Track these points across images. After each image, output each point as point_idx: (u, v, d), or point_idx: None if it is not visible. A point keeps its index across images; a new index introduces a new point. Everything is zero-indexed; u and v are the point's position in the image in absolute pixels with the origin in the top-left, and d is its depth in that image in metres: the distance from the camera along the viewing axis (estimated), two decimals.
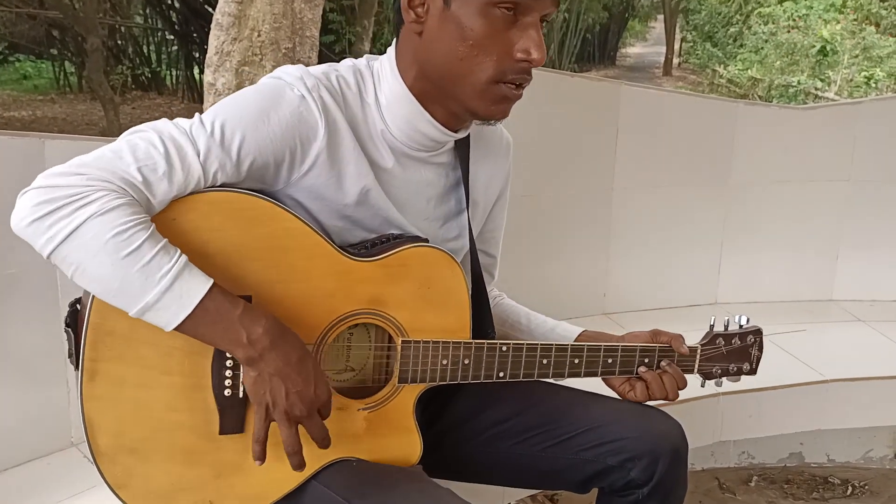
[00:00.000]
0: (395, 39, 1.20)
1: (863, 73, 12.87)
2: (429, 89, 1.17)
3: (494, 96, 1.14)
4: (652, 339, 1.38)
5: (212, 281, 1.02)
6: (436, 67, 1.14)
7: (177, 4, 15.37)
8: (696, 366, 1.40)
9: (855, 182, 2.97)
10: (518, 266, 2.62)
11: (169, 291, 0.99)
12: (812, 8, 15.44)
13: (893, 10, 16.37)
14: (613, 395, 1.41)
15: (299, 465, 1.09)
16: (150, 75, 17.30)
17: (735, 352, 1.42)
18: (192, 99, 15.11)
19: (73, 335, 1.08)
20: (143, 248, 0.98)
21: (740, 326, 1.44)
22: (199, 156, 1.05)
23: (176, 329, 1.01)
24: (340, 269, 1.14)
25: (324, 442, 1.11)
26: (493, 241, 1.46)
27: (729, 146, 2.86)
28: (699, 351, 1.40)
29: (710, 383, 1.45)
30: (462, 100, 1.16)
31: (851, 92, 12.70)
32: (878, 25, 15.60)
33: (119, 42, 17.39)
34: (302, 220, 1.12)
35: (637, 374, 1.35)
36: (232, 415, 1.12)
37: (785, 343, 2.68)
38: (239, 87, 5.24)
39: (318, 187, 1.14)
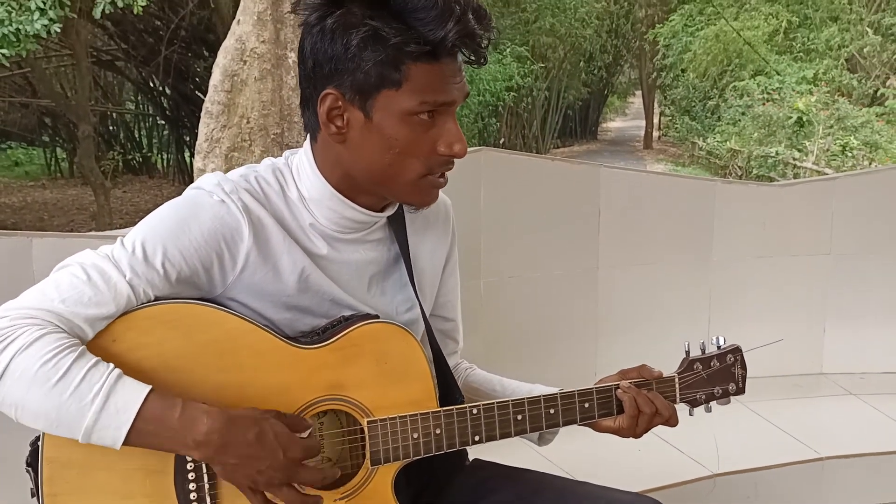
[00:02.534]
0: (308, 137, 1.21)
1: (838, 143, 13.21)
2: (354, 185, 1.18)
3: (424, 188, 1.17)
4: (621, 379, 1.36)
5: (148, 388, 1.01)
6: (363, 172, 1.16)
7: (168, 91, 15.71)
8: (678, 395, 1.35)
9: (836, 256, 3.02)
10: (506, 347, 2.62)
11: (104, 410, 0.98)
12: (785, 81, 15.95)
13: (864, 81, 16.94)
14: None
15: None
16: (141, 159, 17.53)
17: (717, 374, 1.37)
18: (182, 181, 15.29)
19: (33, 473, 1.07)
20: (72, 372, 0.98)
21: (718, 347, 1.39)
22: (124, 276, 1.06)
23: (125, 445, 1.00)
24: (292, 359, 1.14)
25: (325, 481, 1.09)
26: (448, 305, 1.44)
27: (709, 223, 2.91)
28: (677, 379, 1.36)
29: (700, 410, 1.39)
30: (392, 196, 1.19)
31: (829, 161, 13.00)
32: (850, 96, 16.11)
33: (111, 128, 17.70)
34: (244, 319, 1.11)
35: (617, 412, 1.31)
36: None
37: (777, 419, 2.66)
38: (228, 172, 5.29)
39: (256, 284, 1.15)
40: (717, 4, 18.95)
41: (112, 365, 1.02)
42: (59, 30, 8.13)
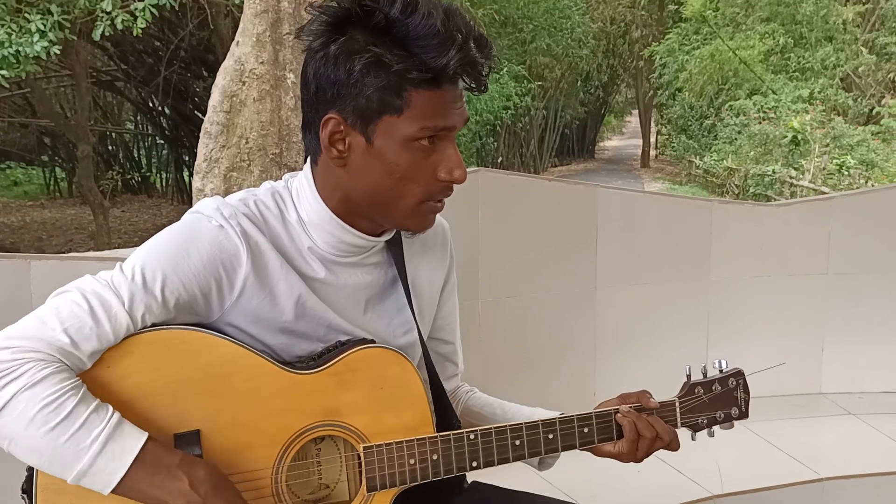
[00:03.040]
0: (308, 160, 1.22)
1: (834, 161, 13.26)
2: (354, 209, 1.19)
3: (422, 214, 1.18)
4: (621, 403, 1.35)
5: (146, 436, 1.02)
6: (362, 196, 1.16)
7: (167, 111, 15.78)
8: (678, 419, 1.34)
9: (834, 275, 3.03)
10: (504, 368, 2.62)
11: (101, 455, 0.99)
12: (780, 100, 16.04)
13: (859, 100, 17.05)
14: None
15: None
16: (140, 179, 17.57)
17: (719, 398, 1.36)
18: (180, 201, 15.32)
19: (27, 499, 1.07)
20: (72, 416, 0.99)
21: (720, 371, 1.38)
22: (123, 304, 1.06)
23: (115, 490, 1.00)
24: (287, 385, 1.14)
25: None
26: (447, 327, 1.43)
27: (706, 243, 2.92)
28: (677, 404, 1.34)
29: (703, 434, 1.37)
30: (391, 221, 1.20)
31: (825, 180, 13.05)
32: (845, 115, 16.20)
33: (110, 147, 17.74)
34: (239, 344, 1.12)
35: (616, 437, 1.29)
36: None
37: (777, 439, 2.66)
38: (227, 192, 5.31)
39: (253, 310, 1.15)
40: (713, 24, 19.10)
41: (112, 409, 1.02)
42: (58, 51, 8.18)
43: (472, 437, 1.22)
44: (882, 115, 15.56)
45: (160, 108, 15.86)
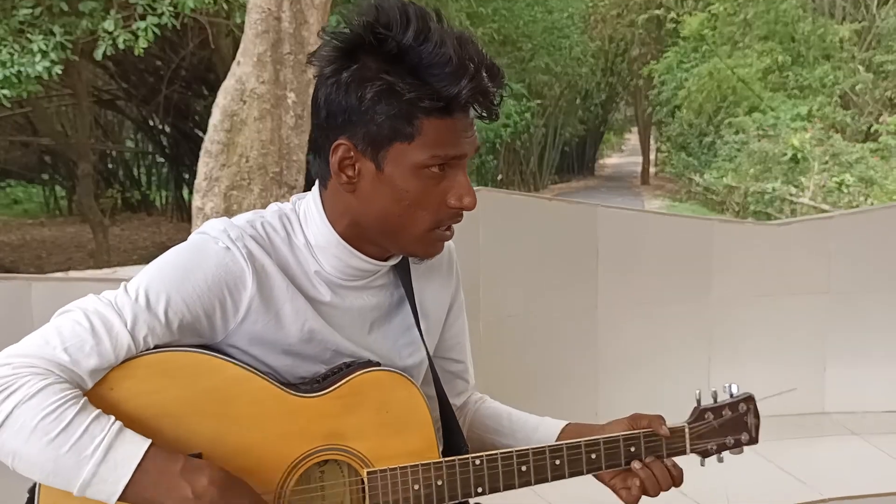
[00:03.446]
0: (317, 184, 1.21)
1: (833, 179, 13.30)
2: (362, 234, 1.19)
3: (430, 241, 1.18)
4: (632, 425, 1.34)
5: (148, 442, 1.01)
6: (371, 222, 1.16)
7: (167, 129, 15.85)
8: (688, 446, 1.31)
9: (835, 294, 3.02)
10: (506, 387, 2.60)
11: (104, 463, 0.98)
12: (779, 118, 16.11)
13: (857, 118, 17.14)
14: None
15: None
16: (139, 197, 17.60)
17: (729, 423, 1.34)
18: (180, 219, 15.33)
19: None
20: (73, 425, 0.98)
21: (731, 395, 1.36)
22: (126, 325, 1.05)
23: (120, 500, 0.99)
24: (291, 408, 1.13)
25: None
26: (458, 347, 1.42)
27: (707, 262, 2.91)
28: (687, 430, 1.31)
29: (712, 460, 1.35)
30: (399, 247, 1.20)
31: (825, 197, 13.08)
32: (843, 132, 16.27)
33: (110, 166, 17.79)
34: (243, 367, 1.11)
35: (625, 464, 1.29)
36: None
37: (781, 460, 2.64)
38: (227, 210, 5.32)
39: (258, 332, 1.15)
40: (711, 43, 19.23)
41: (113, 418, 1.01)
42: (60, 71, 8.22)
43: (477, 462, 1.20)
44: (880, 133, 15.62)
45: (161, 127, 15.93)
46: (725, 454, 1.36)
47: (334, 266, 1.20)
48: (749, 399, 1.36)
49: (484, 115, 1.13)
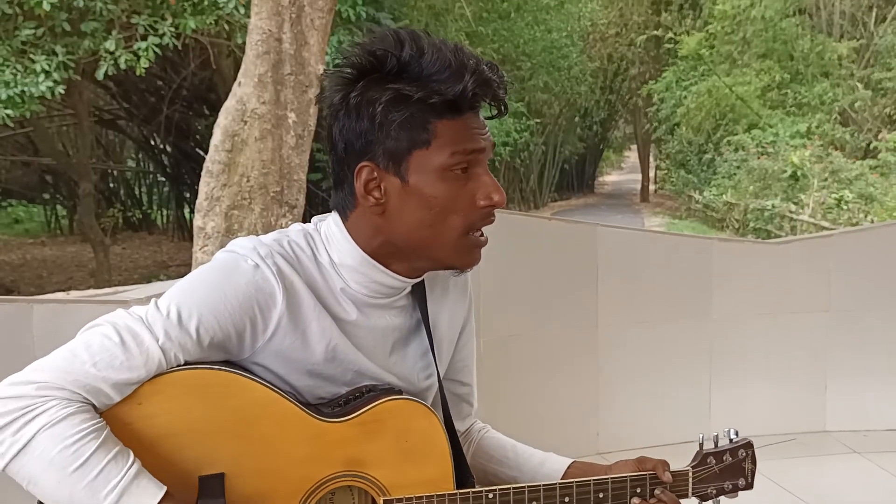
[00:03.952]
0: (336, 213, 1.22)
1: (833, 196, 13.32)
2: (393, 252, 1.19)
3: (467, 247, 1.19)
4: (638, 467, 1.35)
5: (163, 491, 1.01)
6: (405, 237, 1.17)
7: (168, 149, 15.90)
8: (690, 489, 1.35)
9: (835, 313, 3.02)
10: (507, 406, 2.60)
11: None
12: (779, 135, 16.16)
13: (856, 135, 17.20)
14: None
15: None
16: (141, 216, 17.62)
17: (728, 469, 1.37)
18: (181, 237, 15.34)
19: None
20: (91, 461, 0.99)
21: (731, 441, 1.39)
22: (157, 341, 1.06)
23: None
24: (314, 433, 1.13)
25: None
26: (465, 370, 1.43)
27: (707, 281, 2.92)
28: (691, 474, 1.35)
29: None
30: (437, 259, 1.20)
31: (825, 214, 13.08)
32: (842, 149, 16.32)
33: (111, 185, 17.84)
34: (270, 388, 1.11)
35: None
36: None
37: (784, 480, 2.62)
38: (228, 230, 5.33)
39: (284, 350, 1.15)
40: (709, 62, 19.34)
41: (131, 459, 1.02)
42: (62, 91, 8.27)
43: (490, 495, 1.21)
44: (879, 150, 15.67)
45: (162, 146, 15.99)
46: (721, 499, 1.39)
47: (360, 282, 1.20)
48: (748, 445, 1.40)
49: (493, 105, 1.16)
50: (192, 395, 1.08)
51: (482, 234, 1.20)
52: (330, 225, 1.22)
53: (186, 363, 1.09)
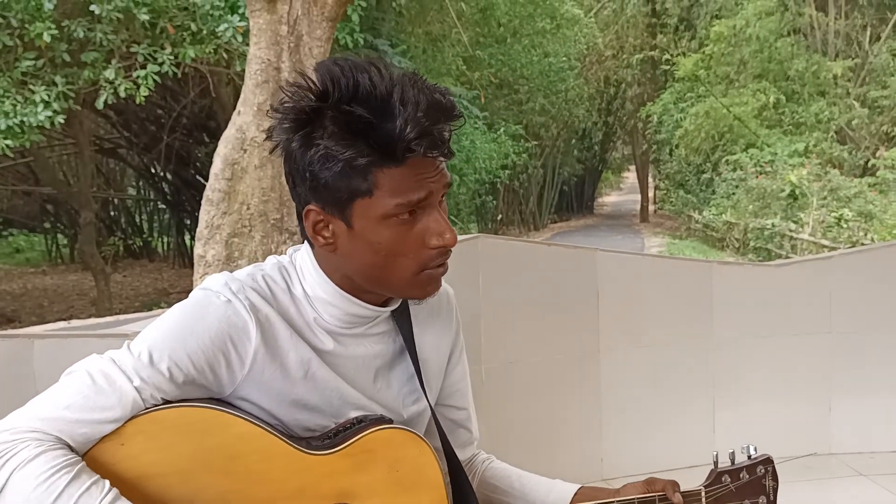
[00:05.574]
0: (307, 244, 1.22)
1: (832, 214, 13.33)
2: (356, 285, 1.19)
3: (422, 283, 1.17)
4: (647, 489, 1.32)
5: None
6: (359, 275, 1.17)
7: (169, 176, 15.96)
8: None
9: (837, 334, 3.01)
10: (510, 433, 2.58)
11: None
12: (777, 154, 16.22)
13: (854, 153, 17.26)
14: None
15: None
16: (141, 244, 17.64)
17: (746, 487, 1.30)
18: (182, 265, 15.34)
19: None
20: (66, 494, 0.98)
21: (748, 457, 1.33)
22: (130, 381, 1.06)
23: None
24: (302, 466, 1.12)
25: None
26: (459, 393, 1.41)
27: (708, 304, 2.91)
28: (703, 494, 1.29)
29: None
30: (395, 293, 1.20)
31: (825, 232, 13.09)
32: (841, 167, 16.36)
33: (112, 213, 17.88)
34: (254, 423, 1.11)
35: None
36: None
37: (789, 503, 2.60)
38: (228, 258, 5.33)
39: (265, 382, 1.15)
40: (706, 83, 19.47)
41: (106, 489, 1.01)
42: (62, 121, 8.31)
43: None
44: (878, 167, 15.71)
45: (162, 174, 16.04)
46: None
47: (332, 314, 1.20)
48: (767, 461, 1.33)
49: (433, 154, 1.09)
50: (175, 434, 1.08)
51: (440, 266, 1.17)
52: (304, 256, 1.22)
53: (168, 402, 1.09)
